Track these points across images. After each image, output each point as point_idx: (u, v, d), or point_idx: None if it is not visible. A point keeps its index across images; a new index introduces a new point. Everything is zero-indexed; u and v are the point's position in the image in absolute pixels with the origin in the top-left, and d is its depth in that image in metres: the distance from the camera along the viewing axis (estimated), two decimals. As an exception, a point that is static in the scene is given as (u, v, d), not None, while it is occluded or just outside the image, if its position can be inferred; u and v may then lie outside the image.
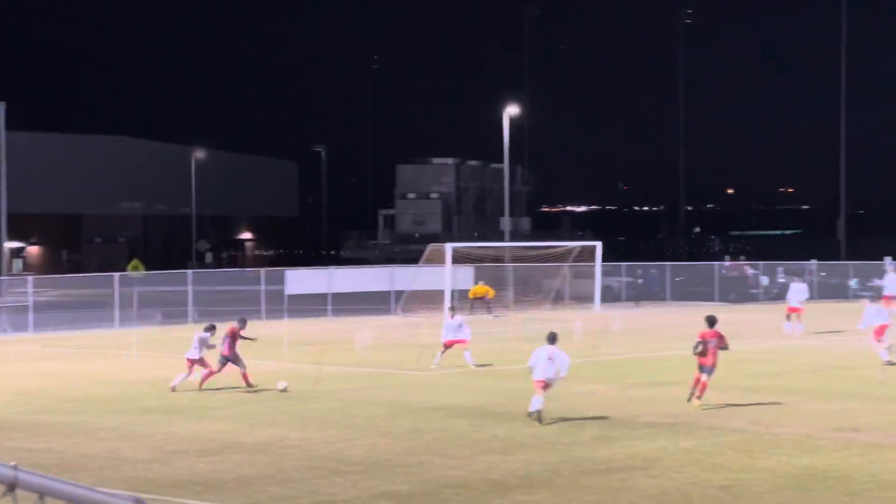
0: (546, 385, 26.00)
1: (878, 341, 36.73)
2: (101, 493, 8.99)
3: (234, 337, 31.59)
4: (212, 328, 32.38)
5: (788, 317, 47.20)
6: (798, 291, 47.76)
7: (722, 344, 28.01)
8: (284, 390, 30.75)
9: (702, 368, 27.78)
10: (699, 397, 27.66)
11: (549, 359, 26.07)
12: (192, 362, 31.63)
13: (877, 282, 59.08)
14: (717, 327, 28.35)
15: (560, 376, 26.19)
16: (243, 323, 32.35)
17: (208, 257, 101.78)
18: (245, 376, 31.32)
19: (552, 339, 26.52)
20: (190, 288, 56.01)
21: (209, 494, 19.31)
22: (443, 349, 35.99)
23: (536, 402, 25.79)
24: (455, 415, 26.91)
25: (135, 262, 64.22)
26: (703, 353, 27.66)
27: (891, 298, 53.88)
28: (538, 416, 25.62)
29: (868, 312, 37.62)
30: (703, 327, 28.19)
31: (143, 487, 19.60)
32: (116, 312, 53.59)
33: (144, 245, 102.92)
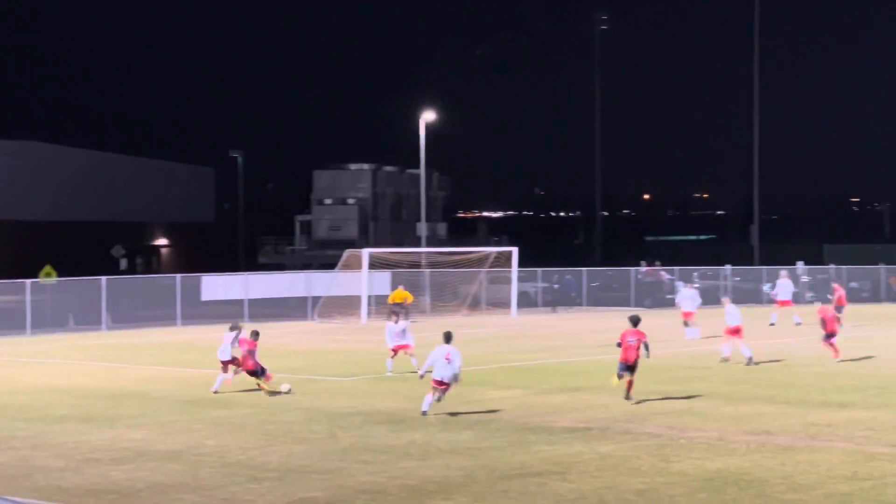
0: (443, 385, 27.28)
1: (729, 341, 38.46)
2: (13, 503, 8.89)
3: (249, 352, 31.61)
4: (237, 328, 32.40)
5: (686, 323, 48.00)
6: (689, 297, 48.50)
7: (644, 340, 29.11)
8: (289, 392, 30.90)
9: (625, 368, 29.00)
10: (628, 395, 29.10)
11: (447, 359, 27.24)
12: (226, 363, 31.93)
13: (770, 289, 60.10)
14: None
15: (457, 376, 27.42)
16: (256, 336, 32.18)
17: (123, 263, 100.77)
18: (230, 379, 31.75)
19: (448, 338, 27.73)
20: (104, 294, 55.47)
21: (123, 503, 19.13)
22: (392, 355, 35.82)
23: (429, 400, 27.28)
24: (372, 420, 26.88)
25: (47, 268, 63.36)
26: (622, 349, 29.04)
27: (784, 303, 54.88)
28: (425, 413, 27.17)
29: (730, 311, 38.89)
30: (627, 327, 29.50)
31: (55, 496, 19.40)
32: (28, 319, 52.98)
33: (60, 251, 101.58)
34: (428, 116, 77.40)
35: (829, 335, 38.60)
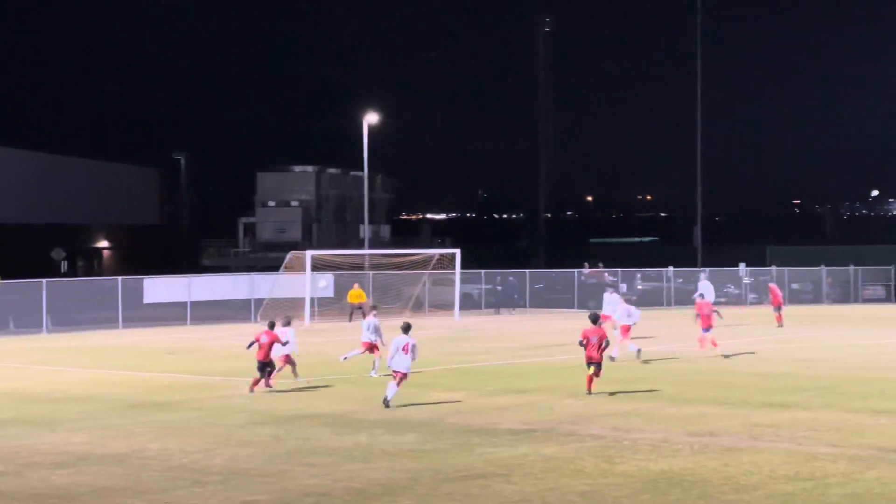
0: (399, 375, 28.40)
1: (625, 339, 39.53)
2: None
3: (271, 343, 31.80)
4: (288, 322, 33.04)
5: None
6: (611, 303, 48.69)
7: (604, 339, 30.77)
8: (325, 287, 31.64)
9: (590, 363, 30.67)
10: (589, 390, 30.75)
11: (404, 349, 28.31)
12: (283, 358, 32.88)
13: (695, 294, 60.36)
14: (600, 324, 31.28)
15: (413, 361, 28.72)
16: (272, 326, 32.32)
17: (63, 266, 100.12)
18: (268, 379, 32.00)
19: (406, 328, 28.74)
20: (44, 297, 55.04)
21: (65, 507, 18.98)
22: (362, 350, 35.25)
23: (391, 389, 28.41)
24: (317, 423, 26.81)
25: (-13, 270, 62.84)
26: (585, 347, 30.60)
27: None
28: (387, 403, 28.18)
29: (621, 311, 40.06)
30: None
31: (-4, 501, 19.22)
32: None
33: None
34: (371, 119, 77.36)
35: (706, 329, 39.93)
